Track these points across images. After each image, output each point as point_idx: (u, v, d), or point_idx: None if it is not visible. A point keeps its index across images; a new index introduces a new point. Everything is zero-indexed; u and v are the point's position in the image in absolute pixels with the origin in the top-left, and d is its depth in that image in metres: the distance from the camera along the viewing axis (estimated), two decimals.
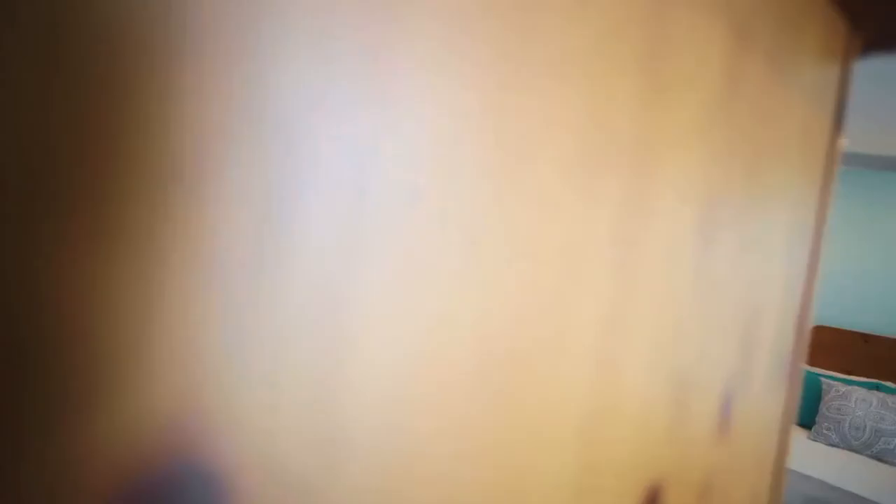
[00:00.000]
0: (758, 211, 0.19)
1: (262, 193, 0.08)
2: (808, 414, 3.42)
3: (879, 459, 2.97)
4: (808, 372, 3.61)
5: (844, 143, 2.30)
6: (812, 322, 0.23)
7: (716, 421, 0.18)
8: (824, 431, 3.17)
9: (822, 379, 3.45)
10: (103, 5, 0.07)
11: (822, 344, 3.90)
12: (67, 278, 0.07)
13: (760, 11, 0.17)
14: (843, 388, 3.28)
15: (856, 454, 3.02)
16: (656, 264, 0.15)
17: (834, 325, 3.93)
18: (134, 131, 0.07)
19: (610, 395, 0.14)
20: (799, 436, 3.25)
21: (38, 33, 0.06)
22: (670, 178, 0.15)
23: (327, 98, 0.09)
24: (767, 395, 0.21)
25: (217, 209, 0.08)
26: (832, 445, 3.12)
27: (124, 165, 0.07)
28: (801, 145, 0.21)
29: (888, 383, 3.44)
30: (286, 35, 0.09)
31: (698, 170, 0.16)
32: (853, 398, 3.18)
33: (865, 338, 3.72)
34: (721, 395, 0.18)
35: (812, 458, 2.83)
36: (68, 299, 0.07)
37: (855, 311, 3.86)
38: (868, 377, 3.66)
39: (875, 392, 3.18)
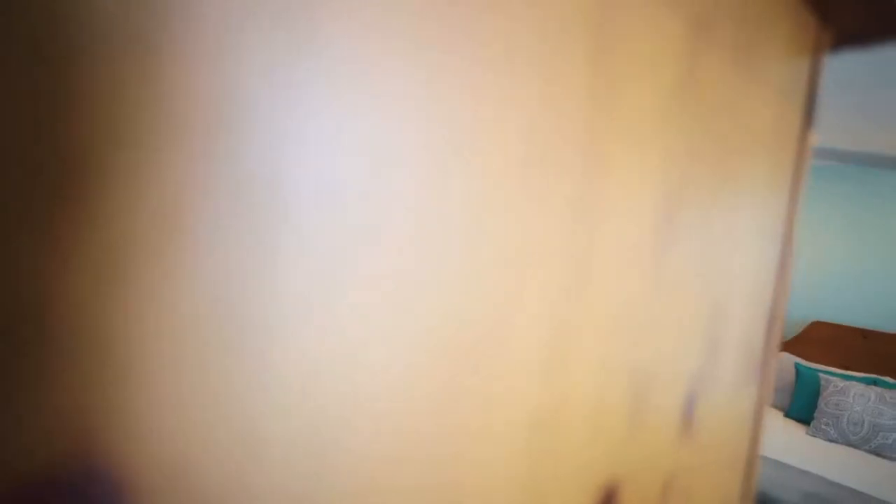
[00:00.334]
0: (723, 206, 0.18)
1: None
2: (807, 410, 3.43)
3: (878, 454, 2.98)
4: (807, 368, 3.61)
5: (816, 138, 2.30)
6: (784, 316, 0.23)
7: (679, 419, 0.18)
8: (823, 427, 3.17)
9: (821, 375, 3.45)
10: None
11: (822, 340, 3.90)
12: None
13: (722, 6, 0.17)
14: (841, 383, 3.28)
15: (854, 449, 3.03)
16: (611, 262, 0.15)
17: (833, 321, 3.94)
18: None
19: (560, 394, 0.14)
20: (798, 431, 3.25)
21: None
22: (625, 174, 0.15)
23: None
24: (737, 390, 0.21)
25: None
26: (831, 441, 3.12)
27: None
28: (769, 140, 0.21)
29: (886, 378, 3.44)
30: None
31: (656, 165, 0.16)
32: (851, 393, 3.19)
33: (864, 333, 3.72)
34: (685, 392, 0.18)
35: (811, 453, 2.84)
36: None
37: (854, 307, 3.86)
38: (867, 372, 3.66)
39: (873, 387, 3.19)
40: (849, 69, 2.27)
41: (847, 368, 3.74)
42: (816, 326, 3.94)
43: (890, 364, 3.59)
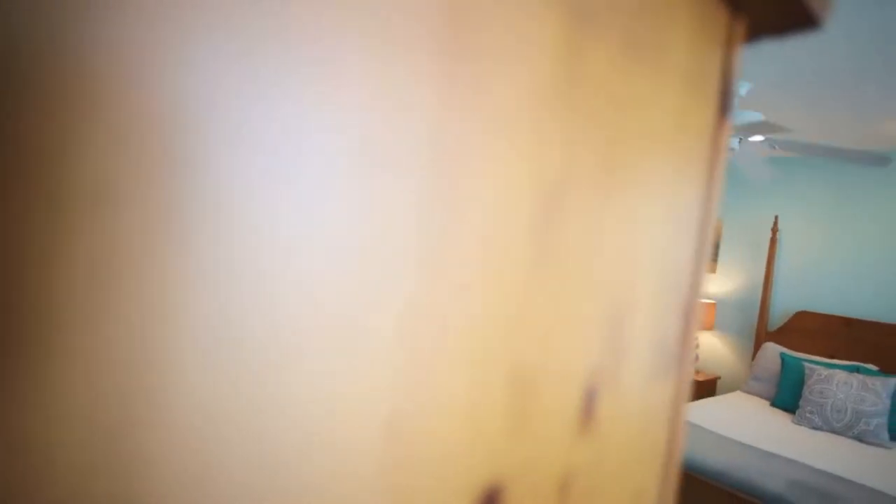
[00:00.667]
0: (620, 198, 0.18)
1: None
2: (792, 398, 3.47)
3: (860, 440, 3.02)
4: (792, 357, 3.65)
5: (731, 130, 2.32)
6: (701, 309, 0.22)
7: (578, 415, 0.18)
8: (807, 415, 3.21)
9: (806, 364, 3.49)
10: None
11: (806, 329, 3.94)
12: None
13: None
14: (825, 371, 3.32)
15: (838, 436, 3.07)
16: (474, 259, 0.14)
17: (817, 311, 3.98)
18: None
19: (423, 393, 0.13)
20: (784, 420, 3.29)
21: None
22: (490, 171, 0.14)
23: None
24: (650, 384, 0.21)
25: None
26: (815, 429, 3.16)
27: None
28: (674, 131, 0.20)
29: (869, 365, 3.49)
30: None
31: (531, 160, 0.15)
32: (835, 381, 3.23)
33: (848, 322, 3.77)
34: (583, 388, 0.18)
35: (796, 441, 2.87)
36: None
37: (837, 296, 3.91)
38: (850, 360, 3.71)
39: (856, 375, 3.23)
40: (826, 62, 2.29)
41: (832, 357, 3.78)
42: (801, 316, 3.99)
43: (872, 351, 3.64)
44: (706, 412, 3.23)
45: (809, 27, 0.23)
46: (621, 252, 0.18)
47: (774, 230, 4.12)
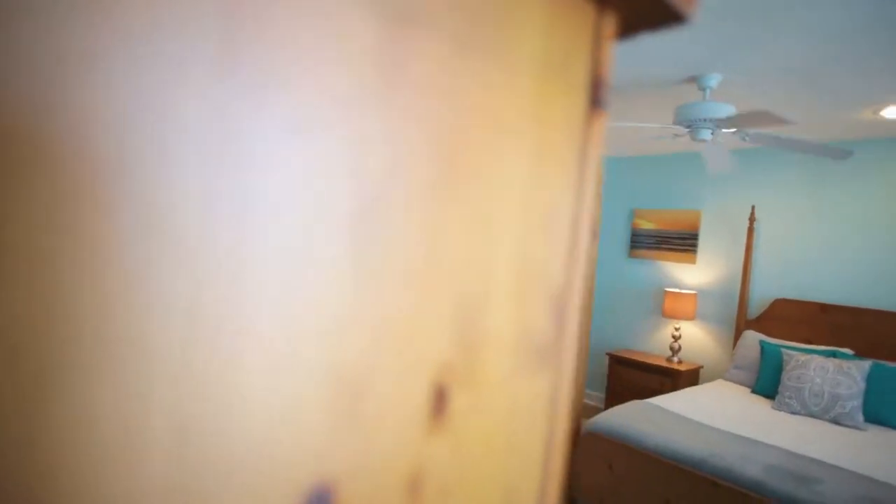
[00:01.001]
0: (462, 192, 0.18)
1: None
2: (772, 384, 3.52)
3: (836, 423, 3.08)
4: (770, 344, 3.71)
5: (604, 124, 2.35)
6: (579, 304, 0.23)
7: (426, 412, 0.18)
8: (786, 400, 3.27)
9: (784, 350, 3.54)
10: None
11: (784, 316, 4.00)
12: None
13: None
14: (802, 357, 3.37)
15: (815, 419, 3.12)
16: (288, 257, 0.14)
17: (794, 298, 4.05)
18: None
19: (218, 401, 0.13)
20: (764, 406, 3.34)
21: None
22: (301, 165, 0.14)
23: None
24: (516, 380, 0.21)
25: None
26: (794, 413, 3.21)
27: None
28: (531, 125, 0.20)
29: (845, 350, 3.56)
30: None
31: (348, 156, 0.15)
32: (812, 366, 3.28)
33: (824, 308, 3.83)
34: (431, 384, 0.18)
35: (775, 427, 2.92)
36: None
37: (813, 283, 3.97)
38: (826, 345, 3.77)
39: (832, 359, 3.29)
40: (797, 53, 2.32)
41: (809, 342, 3.85)
42: (779, 304, 4.05)
43: (847, 336, 3.71)
44: (688, 401, 3.27)
45: (677, 22, 0.23)
46: (468, 247, 0.18)
47: (752, 220, 4.18)
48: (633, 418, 2.76)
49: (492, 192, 0.18)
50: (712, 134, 2.74)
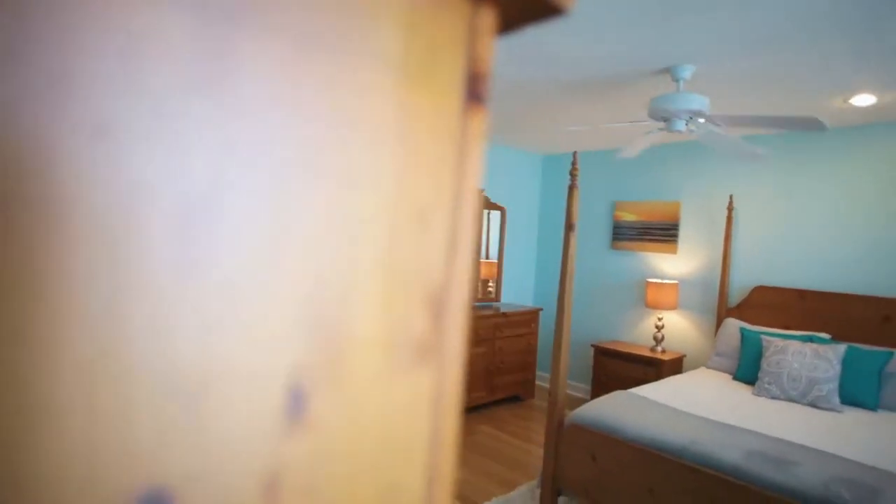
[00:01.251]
0: (309, 190, 0.18)
1: None
2: (752, 370, 3.57)
3: (814, 406, 3.13)
4: (750, 331, 3.76)
5: (485, 118, 2.37)
6: (463, 302, 0.23)
7: (281, 413, 0.18)
8: (766, 386, 3.32)
9: (763, 336, 3.60)
10: None
11: (764, 303, 4.06)
12: None
13: None
14: (781, 343, 3.43)
15: (794, 404, 3.17)
16: (99, 256, 0.14)
17: (773, 285, 4.10)
18: None
19: (32, 404, 0.13)
20: (745, 392, 3.38)
21: None
22: (98, 168, 0.14)
23: None
24: (390, 378, 0.21)
25: None
26: (774, 398, 3.26)
27: None
28: (393, 121, 0.20)
29: (822, 334, 3.62)
30: None
31: (165, 157, 0.15)
32: (790, 351, 3.34)
33: (801, 294, 3.89)
34: (285, 384, 0.18)
35: (755, 412, 2.96)
36: None
37: (791, 270, 4.03)
38: (804, 330, 3.84)
39: (809, 344, 3.34)
40: (767, 42, 2.34)
41: (788, 328, 3.91)
42: (759, 291, 4.10)
43: (824, 320, 3.77)
44: (670, 390, 3.31)
45: (556, 14, 0.23)
46: (323, 248, 0.18)
47: (730, 209, 4.23)
48: (616, 409, 2.79)
49: (349, 192, 0.18)
50: (687, 125, 2.76)
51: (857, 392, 3.17)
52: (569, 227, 2.65)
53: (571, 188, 2.66)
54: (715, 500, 2.18)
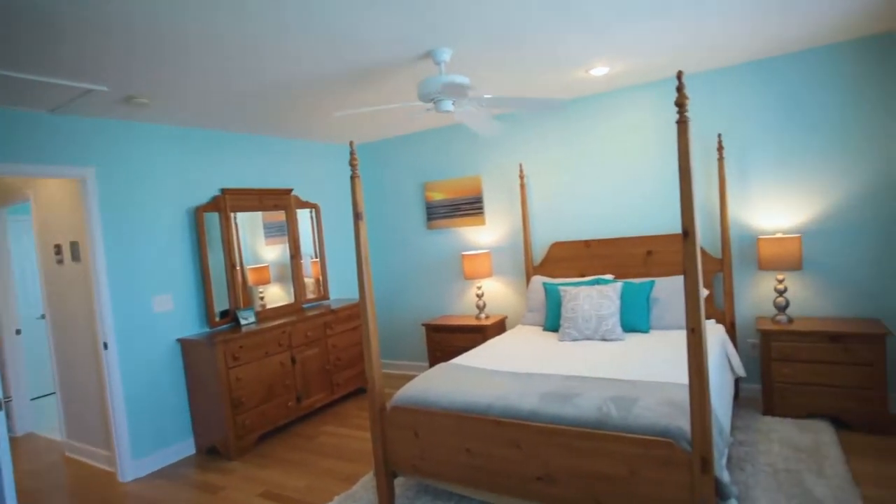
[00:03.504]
0: None
1: None
2: (556, 319, 3.97)
3: (604, 339, 3.58)
4: (551, 284, 4.16)
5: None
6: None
7: None
8: (567, 330, 3.71)
9: (560, 287, 4.01)
10: None
11: (560, 257, 4.52)
12: None
13: None
14: (574, 290, 3.85)
15: (589, 341, 3.59)
16: None
17: (565, 240, 4.58)
18: None
19: None
20: (552, 340, 3.73)
21: None
22: None
23: None
24: None
25: None
26: (574, 340, 3.66)
27: None
28: None
29: (606, 276, 4.14)
30: None
31: None
32: (581, 297, 3.76)
33: (587, 244, 4.40)
34: None
35: (556, 356, 3.27)
36: None
37: (578, 223, 4.53)
38: (593, 275, 4.35)
39: (596, 287, 3.80)
40: (515, 24, 2.53)
41: (582, 276, 4.41)
42: (556, 247, 4.55)
43: (606, 263, 4.32)
44: (485, 353, 3.53)
45: None
46: None
47: (521, 177, 4.62)
48: (432, 382, 2.90)
49: None
50: (453, 104, 2.91)
51: (633, 320, 3.70)
52: (356, 216, 2.65)
53: (353, 178, 2.66)
54: (518, 444, 2.38)
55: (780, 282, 3.57)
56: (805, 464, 2.82)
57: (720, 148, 3.74)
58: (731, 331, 3.80)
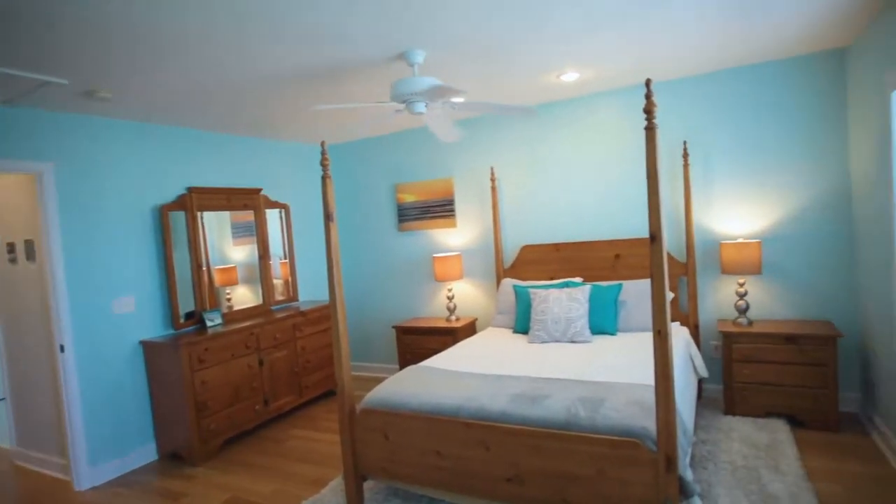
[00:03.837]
0: None
1: None
2: (526, 322, 4.01)
3: (572, 342, 3.64)
4: (521, 287, 4.20)
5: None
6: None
7: None
8: (536, 332, 3.75)
9: (531, 290, 4.05)
10: None
11: (531, 260, 4.57)
12: None
13: None
14: (544, 293, 3.90)
15: (558, 343, 3.64)
16: None
17: (536, 243, 4.63)
18: None
19: None
20: (521, 342, 3.76)
21: None
22: None
23: None
24: None
25: None
26: (543, 342, 3.70)
27: None
28: None
29: (575, 279, 4.21)
30: None
31: None
32: (551, 299, 3.81)
33: (557, 247, 4.47)
34: None
35: (526, 358, 3.30)
36: None
37: (548, 227, 4.59)
38: (562, 278, 4.42)
39: (565, 289, 3.85)
40: (488, 31, 2.55)
41: (552, 279, 4.46)
42: (526, 249, 4.60)
43: (575, 266, 4.39)
44: (455, 355, 3.54)
45: None
46: None
47: (493, 180, 4.65)
48: (402, 385, 2.89)
49: None
50: (426, 107, 2.92)
51: (601, 322, 3.76)
52: (327, 216, 2.63)
53: (324, 178, 2.64)
54: (488, 446, 2.40)
55: (741, 285, 3.70)
56: (762, 461, 2.92)
57: (685, 155, 3.85)
58: (695, 333, 3.91)
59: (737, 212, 3.86)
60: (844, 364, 3.61)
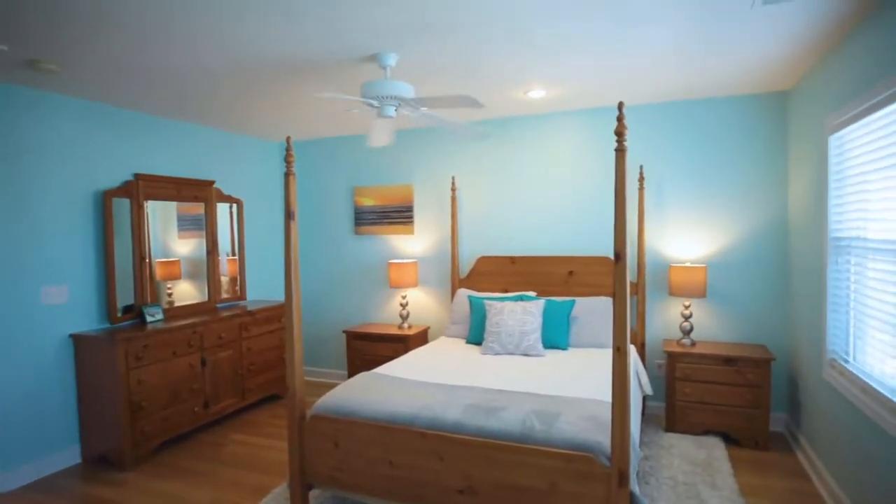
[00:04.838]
0: None
1: None
2: (479, 333, 4.02)
3: (525, 355, 3.68)
4: (476, 298, 4.22)
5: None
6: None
7: None
8: (490, 344, 3.77)
9: (486, 301, 4.07)
10: None
11: (486, 271, 4.60)
12: None
13: None
14: (499, 305, 3.92)
15: (511, 356, 3.67)
16: None
17: (492, 255, 4.67)
18: None
19: None
20: (474, 353, 3.77)
21: None
22: None
23: None
24: None
25: None
26: (497, 354, 3.72)
27: None
28: None
29: (529, 293, 4.27)
30: None
31: None
32: (505, 312, 3.84)
33: (513, 260, 4.52)
34: None
35: (480, 370, 3.31)
36: None
37: (504, 240, 4.64)
38: (517, 291, 4.47)
39: (519, 303, 3.90)
40: (460, 47, 2.56)
41: (506, 291, 4.51)
42: (482, 261, 4.63)
43: (530, 280, 4.46)
44: (409, 363, 3.50)
45: None
46: None
47: (453, 189, 4.66)
48: (355, 392, 2.83)
49: None
50: (396, 110, 2.89)
51: (554, 337, 3.83)
52: (288, 215, 2.55)
53: (288, 175, 2.56)
54: (442, 456, 2.37)
55: (687, 307, 3.86)
56: (700, 477, 3.05)
57: (641, 179, 4.00)
58: (641, 351, 4.05)
59: (686, 237, 4.04)
60: (775, 385, 3.83)
